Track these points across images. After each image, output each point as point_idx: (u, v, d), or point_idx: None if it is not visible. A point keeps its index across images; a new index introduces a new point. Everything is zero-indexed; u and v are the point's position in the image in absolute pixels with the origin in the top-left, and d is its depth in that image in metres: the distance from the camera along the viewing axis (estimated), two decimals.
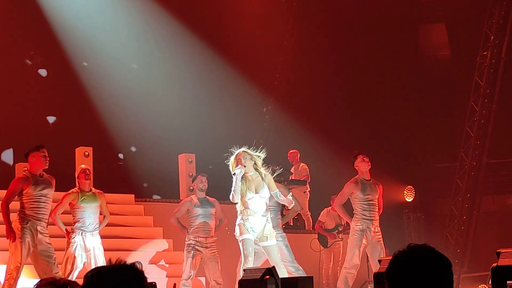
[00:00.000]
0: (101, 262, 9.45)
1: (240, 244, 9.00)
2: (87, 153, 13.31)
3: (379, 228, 9.87)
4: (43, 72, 17.13)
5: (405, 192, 18.05)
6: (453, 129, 18.43)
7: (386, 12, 18.44)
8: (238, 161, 8.96)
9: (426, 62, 19.39)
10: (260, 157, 9.11)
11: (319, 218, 13.68)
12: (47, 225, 9.37)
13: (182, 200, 11.32)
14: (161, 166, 15.76)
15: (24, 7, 16.34)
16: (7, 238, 9.00)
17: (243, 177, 8.96)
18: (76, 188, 9.89)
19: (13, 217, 9.25)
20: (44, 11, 16.32)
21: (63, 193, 9.82)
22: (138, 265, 2.76)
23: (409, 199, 18.07)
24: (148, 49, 17.80)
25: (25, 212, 9.11)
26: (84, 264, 9.64)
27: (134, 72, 17.33)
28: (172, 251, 12.70)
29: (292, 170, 15.07)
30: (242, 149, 9.03)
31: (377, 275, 7.18)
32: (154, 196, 16.01)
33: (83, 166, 10.20)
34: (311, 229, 14.68)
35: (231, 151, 9.06)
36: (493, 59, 18.01)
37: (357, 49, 18.54)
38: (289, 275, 9.39)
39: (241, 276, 7.88)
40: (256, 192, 8.99)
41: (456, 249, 17.27)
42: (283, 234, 10.29)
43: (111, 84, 16.66)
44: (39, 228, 9.13)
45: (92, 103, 16.60)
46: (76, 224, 9.69)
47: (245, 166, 8.93)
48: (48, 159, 9.35)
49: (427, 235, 17.76)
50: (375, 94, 18.47)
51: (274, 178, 9.31)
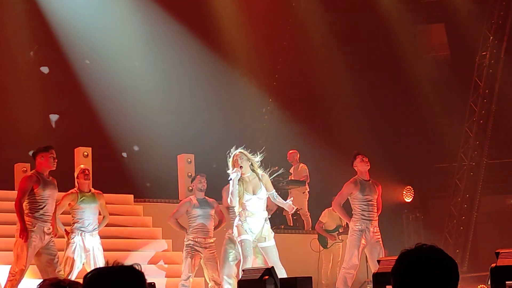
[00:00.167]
0: (101, 263, 9.44)
1: (239, 245, 9.00)
2: (86, 154, 13.31)
3: (378, 228, 9.87)
4: (45, 70, 17.08)
5: (404, 193, 18.05)
6: (452, 130, 18.43)
7: (386, 13, 18.44)
8: (235, 162, 8.95)
9: (426, 63, 19.38)
10: (257, 158, 9.10)
11: (320, 219, 13.67)
12: None
13: (181, 201, 11.31)
14: (160, 166, 15.75)
15: (26, 4, 16.33)
16: (20, 237, 8.91)
17: (240, 179, 8.95)
18: (75, 189, 9.88)
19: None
20: (45, 10, 16.31)
21: (62, 194, 9.81)
22: (137, 267, 2.76)
23: (408, 200, 18.07)
24: (148, 50, 17.79)
25: (34, 215, 9.07)
26: (84, 265, 9.64)
27: (133, 72, 17.31)
28: (171, 252, 12.70)
29: (291, 171, 15.07)
30: (239, 150, 9.02)
31: (376, 275, 7.18)
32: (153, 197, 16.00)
33: (82, 167, 10.19)
34: (310, 230, 14.67)
35: (229, 154, 9.05)
36: (492, 60, 18.01)
37: (357, 49, 18.54)
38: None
39: (240, 277, 7.89)
40: (254, 193, 8.99)
41: (455, 250, 17.27)
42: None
43: (111, 84, 16.65)
44: (46, 230, 9.13)
45: (91, 103, 16.59)
46: (76, 225, 9.68)
47: (242, 167, 8.92)
48: (56, 161, 9.36)
49: (426, 236, 17.75)
50: (375, 94, 18.46)
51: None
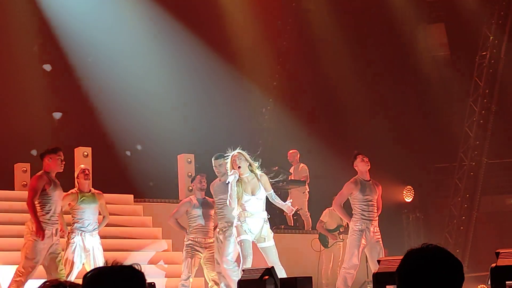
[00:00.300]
0: (101, 263, 9.44)
1: (238, 245, 8.99)
2: (86, 153, 13.30)
3: (378, 228, 9.87)
4: (48, 67, 17.05)
5: (404, 192, 18.04)
6: (452, 129, 18.42)
7: (386, 13, 18.44)
8: (233, 163, 8.95)
9: (426, 62, 19.38)
10: (255, 158, 9.10)
11: (321, 218, 13.67)
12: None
13: (181, 201, 11.31)
14: (160, 166, 15.75)
15: (27, 3, 16.33)
16: (37, 235, 8.91)
17: (239, 179, 8.95)
18: (76, 189, 9.88)
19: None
20: (46, 8, 16.31)
21: (63, 193, 9.80)
22: (137, 267, 2.76)
23: (408, 199, 18.06)
24: (148, 49, 17.79)
25: (44, 218, 9.06)
26: (84, 265, 9.64)
27: (134, 72, 17.31)
28: (171, 252, 12.69)
29: (291, 170, 15.06)
30: (237, 151, 9.02)
31: (376, 275, 7.18)
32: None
33: (82, 166, 10.19)
34: (310, 230, 14.66)
35: (227, 155, 9.05)
36: (492, 59, 18.01)
37: (357, 49, 18.53)
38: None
39: (240, 277, 7.88)
40: (253, 194, 8.98)
41: (455, 249, 17.26)
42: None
43: (111, 84, 16.64)
44: (54, 231, 9.14)
45: (91, 103, 16.58)
46: (76, 225, 9.68)
47: (240, 168, 8.92)
48: (64, 163, 9.37)
49: (426, 235, 17.75)
50: (375, 94, 18.46)
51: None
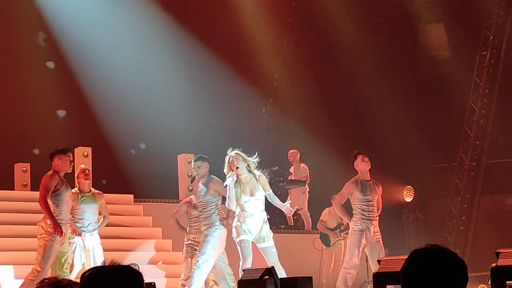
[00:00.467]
0: (101, 262, 9.44)
1: (238, 246, 8.99)
2: (86, 153, 13.30)
3: (379, 228, 9.87)
4: (51, 65, 17.02)
5: (405, 192, 18.03)
6: (452, 129, 18.41)
7: (386, 13, 18.43)
8: (231, 164, 8.93)
9: (425, 62, 19.37)
10: (253, 158, 9.09)
11: (321, 218, 13.68)
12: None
13: (182, 201, 11.31)
14: (161, 166, 15.74)
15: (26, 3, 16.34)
16: (54, 233, 8.93)
17: (237, 180, 8.93)
18: (76, 189, 9.88)
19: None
20: (47, 6, 16.31)
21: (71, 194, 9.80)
22: (135, 266, 2.76)
23: (409, 199, 18.05)
24: (148, 49, 17.79)
25: (58, 217, 9.05)
26: (84, 264, 9.64)
27: (134, 72, 17.30)
28: (171, 252, 12.69)
29: (292, 170, 15.06)
30: (234, 152, 9.00)
31: (377, 275, 7.18)
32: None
33: (83, 166, 10.20)
34: (310, 230, 14.66)
35: (227, 154, 9.04)
36: (492, 59, 17.99)
37: (357, 49, 18.51)
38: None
39: (240, 277, 7.88)
40: (251, 195, 8.96)
41: (456, 249, 17.25)
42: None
43: (111, 84, 16.63)
44: (65, 231, 9.15)
45: (91, 103, 16.58)
46: (76, 225, 9.68)
47: (238, 168, 8.90)
48: (73, 164, 9.37)
49: (426, 235, 17.75)
50: (375, 94, 18.44)
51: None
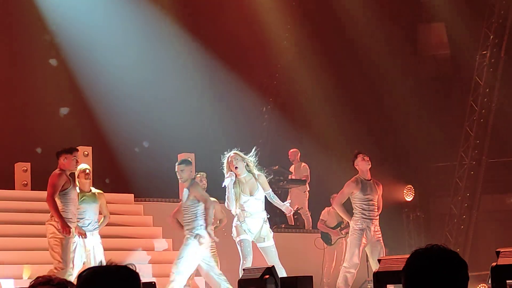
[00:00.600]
0: (98, 262, 9.44)
1: (238, 245, 8.99)
2: (87, 153, 13.30)
3: (379, 228, 9.87)
4: (54, 62, 17.00)
5: (405, 192, 18.03)
6: (453, 128, 18.41)
7: (386, 12, 18.42)
8: (230, 164, 8.92)
9: (426, 62, 19.37)
10: (252, 158, 9.08)
11: (321, 217, 13.69)
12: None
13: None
14: (161, 166, 15.73)
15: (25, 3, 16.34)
16: (63, 232, 8.92)
17: (236, 180, 8.92)
18: (76, 188, 9.87)
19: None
20: (43, 8, 16.31)
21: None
22: (132, 267, 2.77)
23: (409, 199, 18.05)
24: (148, 50, 17.79)
25: (69, 217, 9.06)
26: (84, 264, 9.64)
27: (134, 72, 17.30)
28: (172, 251, 12.68)
29: (292, 169, 15.06)
30: (233, 152, 8.99)
31: (377, 274, 7.18)
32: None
33: (84, 166, 10.19)
34: (311, 229, 14.66)
35: (225, 154, 9.04)
36: (493, 59, 17.99)
37: (357, 49, 18.51)
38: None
39: (241, 276, 7.88)
40: (251, 195, 8.96)
41: (456, 248, 17.25)
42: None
43: (111, 84, 16.63)
44: (72, 230, 9.15)
45: (92, 102, 16.58)
46: (76, 224, 9.68)
47: (237, 168, 8.89)
48: (78, 164, 9.37)
49: (427, 235, 17.76)
50: (375, 93, 18.45)
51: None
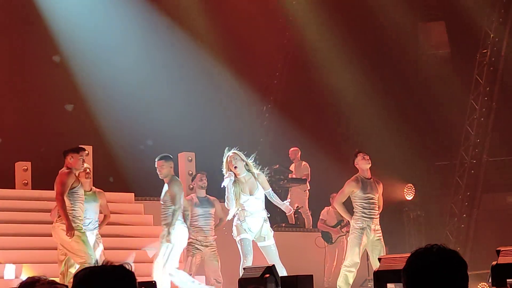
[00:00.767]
0: (101, 261, 9.45)
1: (238, 244, 9.00)
2: (87, 152, 13.28)
3: (379, 226, 9.88)
4: (57, 59, 16.98)
5: (405, 190, 18.02)
6: (453, 127, 18.40)
7: (386, 11, 18.42)
8: (229, 164, 8.93)
9: (426, 60, 19.36)
10: (251, 157, 9.09)
11: (321, 217, 13.70)
12: (48, 223, 9.36)
13: None
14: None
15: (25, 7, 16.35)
16: (67, 234, 8.88)
17: (236, 180, 8.93)
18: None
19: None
20: (42, 9, 16.31)
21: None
22: (128, 266, 2.78)
23: (409, 197, 18.04)
24: (149, 49, 17.79)
25: (74, 215, 9.04)
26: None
27: (134, 71, 17.30)
28: None
29: (292, 168, 15.04)
30: (232, 151, 8.99)
31: (377, 273, 7.19)
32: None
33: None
34: (311, 228, 14.66)
35: (224, 154, 9.04)
36: (493, 57, 17.99)
37: (357, 48, 18.51)
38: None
39: (241, 275, 7.89)
40: (251, 194, 8.96)
41: (456, 247, 17.25)
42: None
43: (111, 83, 16.64)
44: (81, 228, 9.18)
45: (92, 101, 16.58)
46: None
47: (236, 167, 8.90)
48: (85, 163, 9.37)
49: (427, 233, 17.75)
50: (375, 92, 18.44)
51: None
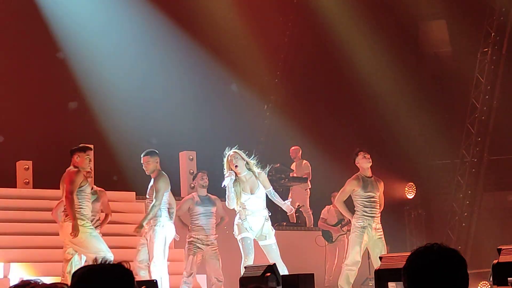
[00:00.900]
0: (91, 261, 9.45)
1: (240, 243, 9.01)
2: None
3: (380, 225, 9.89)
4: (61, 55, 16.98)
5: (406, 189, 18.02)
6: (454, 126, 18.40)
7: (387, 9, 18.42)
8: (230, 163, 8.93)
9: (427, 59, 19.35)
10: (252, 156, 9.10)
11: (322, 216, 13.71)
12: (50, 222, 9.36)
13: (184, 198, 11.34)
14: (162, 164, 15.73)
15: (26, 5, 16.34)
16: (70, 234, 8.89)
17: (237, 179, 8.94)
18: None
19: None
20: (44, 7, 16.32)
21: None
22: (126, 264, 2.80)
23: (410, 196, 18.04)
24: (150, 48, 17.79)
25: (83, 213, 9.06)
26: (86, 262, 9.65)
27: (135, 69, 17.31)
28: (173, 249, 12.68)
29: (293, 167, 15.05)
30: (233, 150, 9.00)
31: (378, 272, 7.19)
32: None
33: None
34: (312, 227, 14.66)
35: (225, 153, 9.04)
36: (494, 56, 17.98)
37: (358, 46, 18.51)
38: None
39: (242, 274, 7.90)
40: (252, 193, 8.97)
41: (457, 246, 17.23)
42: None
43: (113, 82, 16.64)
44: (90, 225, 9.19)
45: (93, 100, 16.59)
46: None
47: (237, 166, 8.91)
48: (92, 162, 9.38)
49: (428, 232, 17.75)
50: (376, 91, 18.44)
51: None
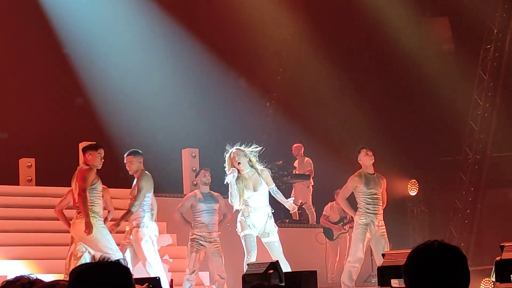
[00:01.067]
0: (90, 259, 9.47)
1: (242, 240, 9.01)
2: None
3: (383, 222, 9.89)
4: (67, 52, 16.99)
5: (409, 186, 18.02)
6: (457, 123, 18.38)
7: (390, 6, 18.39)
8: (232, 160, 8.93)
9: (430, 56, 19.33)
10: (255, 153, 9.08)
11: (324, 212, 13.72)
12: (52, 220, 9.36)
13: (186, 195, 11.33)
14: (165, 161, 15.76)
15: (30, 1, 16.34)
16: (84, 231, 8.89)
17: (240, 176, 8.94)
18: None
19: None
20: (46, 5, 16.33)
21: (68, 188, 9.80)
22: (123, 262, 2.82)
23: (413, 193, 18.05)
24: (151, 45, 17.80)
25: (95, 210, 9.07)
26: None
27: (138, 68, 17.31)
28: (176, 246, 12.70)
29: (296, 164, 15.06)
30: (235, 148, 9.00)
31: (381, 269, 7.19)
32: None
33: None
34: (315, 224, 14.67)
35: (227, 149, 9.05)
36: (497, 53, 17.96)
37: (361, 43, 18.50)
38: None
39: (245, 271, 7.90)
40: (255, 190, 8.97)
41: (460, 243, 17.23)
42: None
43: (114, 80, 16.65)
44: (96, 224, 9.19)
45: (95, 99, 16.60)
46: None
47: (240, 164, 8.91)
48: (103, 161, 9.39)
49: (431, 229, 17.75)
50: (378, 88, 18.43)
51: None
